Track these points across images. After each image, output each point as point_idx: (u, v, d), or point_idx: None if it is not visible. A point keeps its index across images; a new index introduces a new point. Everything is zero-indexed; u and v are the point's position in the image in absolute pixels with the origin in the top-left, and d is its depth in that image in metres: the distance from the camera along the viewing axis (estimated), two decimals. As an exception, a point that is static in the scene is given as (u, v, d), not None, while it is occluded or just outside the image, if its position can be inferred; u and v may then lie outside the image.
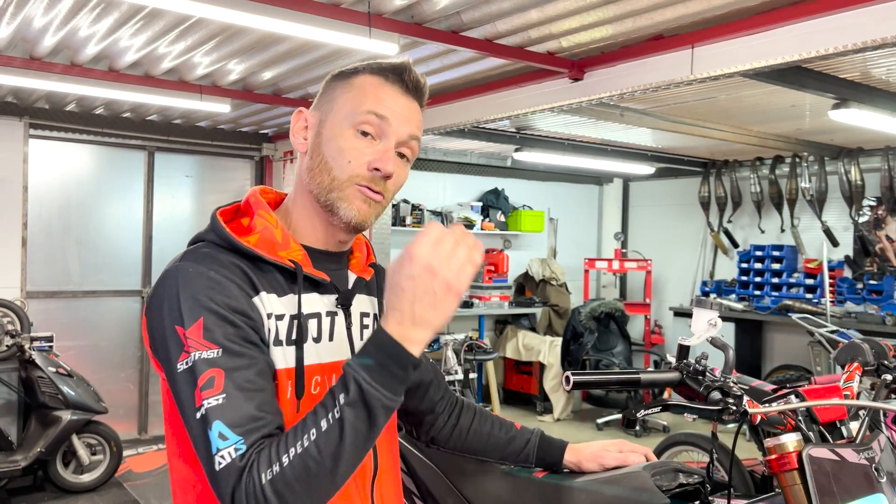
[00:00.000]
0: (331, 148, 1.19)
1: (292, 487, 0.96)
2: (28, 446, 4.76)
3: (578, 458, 1.60)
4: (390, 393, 0.98)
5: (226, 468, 0.99)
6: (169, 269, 1.12)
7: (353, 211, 1.18)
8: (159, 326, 1.08)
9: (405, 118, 1.19)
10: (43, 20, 3.71)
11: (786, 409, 1.20)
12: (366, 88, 1.19)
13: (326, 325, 1.21)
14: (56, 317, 5.91)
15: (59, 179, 5.97)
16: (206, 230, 1.20)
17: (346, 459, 0.98)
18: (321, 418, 0.98)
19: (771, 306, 6.93)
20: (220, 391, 1.02)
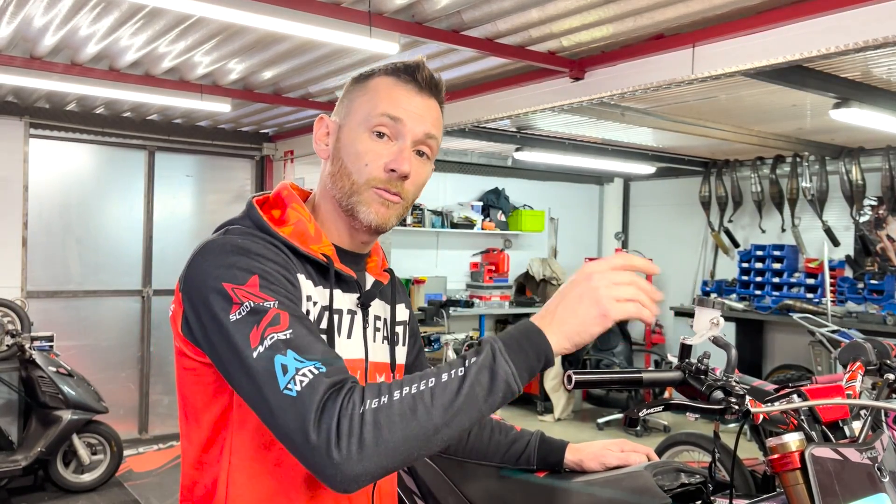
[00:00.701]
0: (349, 152, 1.20)
1: (392, 423, 0.93)
2: (28, 446, 4.75)
3: (580, 457, 1.60)
4: (518, 372, 0.98)
5: (308, 386, 0.95)
6: (212, 240, 1.12)
7: (372, 214, 1.20)
8: (200, 292, 1.06)
9: (420, 117, 1.20)
10: (43, 19, 3.71)
11: (788, 409, 1.19)
12: (380, 90, 1.21)
13: (346, 323, 1.23)
14: (56, 316, 5.91)
15: (59, 179, 5.97)
16: (240, 216, 1.21)
17: (453, 417, 0.95)
18: (444, 372, 0.97)
19: (772, 306, 6.93)
20: (286, 326, 1.00)
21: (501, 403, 0.99)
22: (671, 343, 8.17)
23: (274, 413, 0.97)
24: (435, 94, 1.23)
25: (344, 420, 0.93)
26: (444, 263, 7.87)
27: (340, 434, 0.92)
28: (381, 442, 0.92)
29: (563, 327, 1.00)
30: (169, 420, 6.43)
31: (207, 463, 1.16)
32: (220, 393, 1.13)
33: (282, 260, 1.12)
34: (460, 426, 0.96)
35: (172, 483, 5.19)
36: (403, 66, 1.22)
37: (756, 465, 3.85)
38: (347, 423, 0.92)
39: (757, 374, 7.08)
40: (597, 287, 0.99)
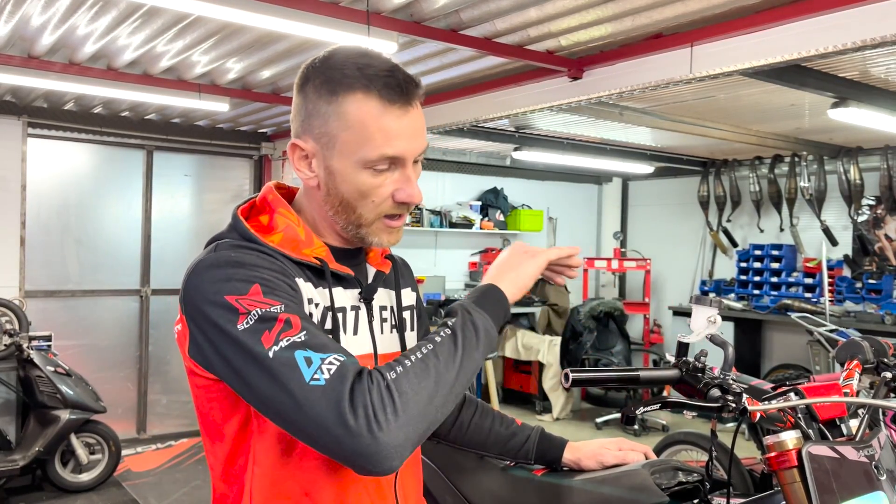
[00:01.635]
0: (349, 190, 1.15)
1: (415, 386, 1.00)
2: (26, 446, 4.75)
3: (578, 456, 1.60)
4: (491, 318, 1.12)
5: (336, 373, 0.97)
6: (205, 258, 1.10)
7: (385, 241, 1.22)
8: (201, 310, 1.04)
9: (413, 138, 1.14)
10: (41, 18, 3.71)
11: (785, 407, 1.19)
12: (366, 124, 1.10)
13: (351, 320, 1.22)
14: (55, 316, 5.91)
15: (57, 178, 5.96)
16: (227, 229, 1.18)
17: (460, 367, 1.05)
18: (435, 336, 1.07)
19: (770, 305, 6.93)
20: (299, 329, 1.01)
21: (489, 350, 1.11)
22: (669, 343, 8.18)
23: (302, 406, 0.96)
24: (419, 91, 1.15)
25: (375, 396, 0.97)
26: (443, 263, 7.87)
27: (376, 410, 0.96)
28: (412, 405, 0.99)
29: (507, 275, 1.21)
30: (167, 420, 6.42)
31: (234, 474, 1.16)
32: (236, 405, 1.12)
33: (278, 266, 1.11)
34: (467, 374, 1.06)
35: (170, 483, 5.19)
36: (382, 81, 1.10)
37: (754, 464, 3.85)
38: (378, 398, 0.97)
39: (755, 373, 7.09)
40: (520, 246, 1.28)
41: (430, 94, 5.08)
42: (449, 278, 7.83)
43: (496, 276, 1.21)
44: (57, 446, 4.79)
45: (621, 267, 8.21)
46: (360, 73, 1.10)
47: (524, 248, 1.27)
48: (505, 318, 1.16)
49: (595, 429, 6.74)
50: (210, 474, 1.22)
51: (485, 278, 1.23)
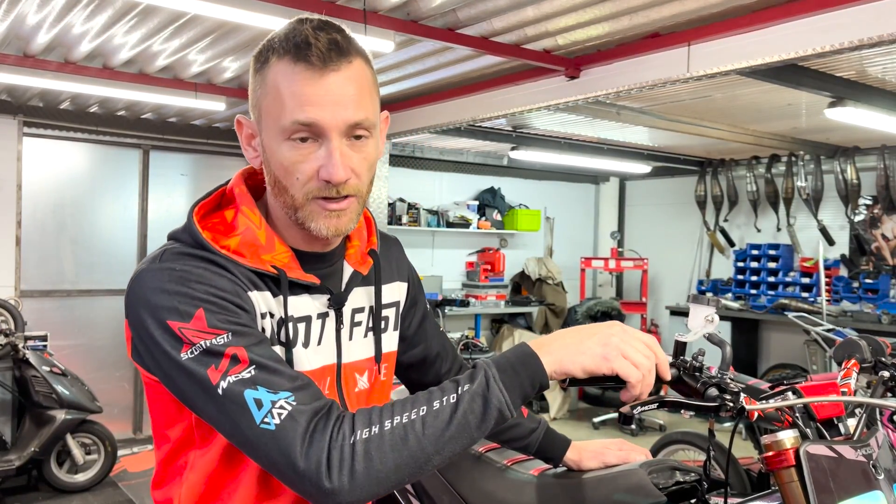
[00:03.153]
0: (277, 166, 1.07)
1: (384, 455, 0.92)
2: (22, 446, 4.73)
3: (580, 455, 1.60)
4: (511, 399, 0.97)
5: (288, 418, 0.93)
6: (147, 269, 1.03)
7: (323, 228, 1.08)
8: (143, 328, 1.00)
9: (333, 105, 1.02)
10: (36, 17, 3.69)
11: (783, 406, 1.19)
12: (280, 88, 1.02)
13: (316, 330, 1.15)
14: (50, 316, 5.89)
15: (53, 178, 5.94)
16: (181, 229, 1.10)
17: (444, 446, 0.94)
18: (436, 399, 0.96)
19: (767, 305, 6.93)
20: (247, 364, 0.96)
21: (495, 429, 0.98)
22: (667, 343, 8.13)
23: (254, 446, 0.95)
24: (343, 60, 1.03)
25: (335, 451, 0.92)
26: (440, 263, 7.86)
27: (331, 465, 0.91)
28: (373, 472, 0.92)
29: (561, 350, 0.99)
30: (164, 420, 6.40)
31: (167, 479, 1.15)
32: (181, 411, 1.08)
33: (227, 283, 1.03)
34: (452, 452, 0.96)
35: (167, 483, 5.18)
36: (293, 43, 1.02)
37: (752, 463, 3.85)
38: (338, 455, 0.92)
39: (752, 373, 7.09)
40: (612, 335, 1.00)
41: (427, 93, 5.07)
42: (446, 278, 7.82)
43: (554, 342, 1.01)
44: (53, 446, 4.78)
45: (618, 266, 8.21)
46: (282, 38, 1.04)
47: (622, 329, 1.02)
48: (533, 395, 1.01)
49: (592, 429, 6.74)
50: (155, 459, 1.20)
51: (548, 336, 1.04)
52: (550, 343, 1.00)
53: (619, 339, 0.99)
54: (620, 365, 0.98)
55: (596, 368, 0.98)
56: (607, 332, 1.00)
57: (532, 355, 0.98)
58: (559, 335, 1.01)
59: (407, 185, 7.41)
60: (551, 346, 0.99)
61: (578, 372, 0.99)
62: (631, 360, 0.99)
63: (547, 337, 1.02)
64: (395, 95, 5.13)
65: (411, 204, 7.39)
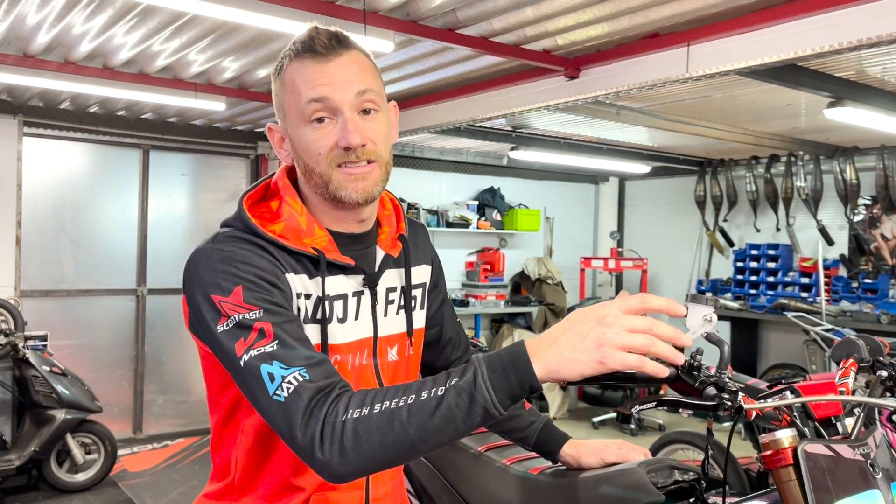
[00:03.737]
0: (302, 149, 1.21)
1: (371, 435, 0.99)
2: (22, 445, 4.74)
3: (578, 452, 1.61)
4: (498, 398, 0.97)
5: (294, 393, 1.02)
6: (202, 248, 1.18)
7: (353, 193, 1.20)
8: (194, 300, 1.13)
9: (341, 82, 1.18)
10: (36, 17, 3.70)
11: (781, 405, 1.19)
12: (294, 80, 1.20)
13: (353, 306, 1.26)
14: (51, 316, 5.89)
15: (53, 178, 5.95)
16: (233, 217, 1.24)
17: (429, 435, 0.98)
18: (424, 389, 1.00)
19: (766, 305, 6.94)
20: (271, 339, 1.07)
21: (481, 424, 0.99)
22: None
23: (266, 413, 1.06)
24: (344, 48, 1.20)
25: (327, 427, 1.00)
26: (440, 262, 7.86)
27: (324, 440, 1.00)
28: (360, 450, 0.99)
29: (556, 357, 0.97)
30: (163, 419, 6.41)
31: (224, 442, 1.26)
32: (228, 380, 1.18)
33: (267, 263, 1.16)
34: (438, 442, 1.00)
35: (166, 482, 5.18)
36: (300, 44, 1.20)
37: (750, 463, 3.85)
38: (330, 431, 1.00)
39: (752, 372, 7.10)
40: (605, 332, 0.96)
41: (427, 93, 5.08)
42: (446, 278, 7.71)
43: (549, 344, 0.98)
44: (53, 446, 4.78)
45: (618, 266, 8.21)
46: (292, 45, 1.22)
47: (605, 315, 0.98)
48: (521, 397, 0.99)
49: (592, 428, 6.75)
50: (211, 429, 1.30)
51: (542, 335, 1.01)
52: (545, 348, 0.98)
53: (613, 333, 0.95)
54: (619, 361, 0.95)
55: (594, 373, 0.96)
56: (600, 330, 0.96)
57: (524, 358, 0.97)
58: (553, 337, 0.98)
59: (406, 185, 7.41)
60: (546, 352, 0.97)
61: (576, 378, 0.97)
62: (630, 347, 0.96)
63: (542, 338, 1.00)
64: (394, 95, 5.13)
65: (411, 204, 7.40)
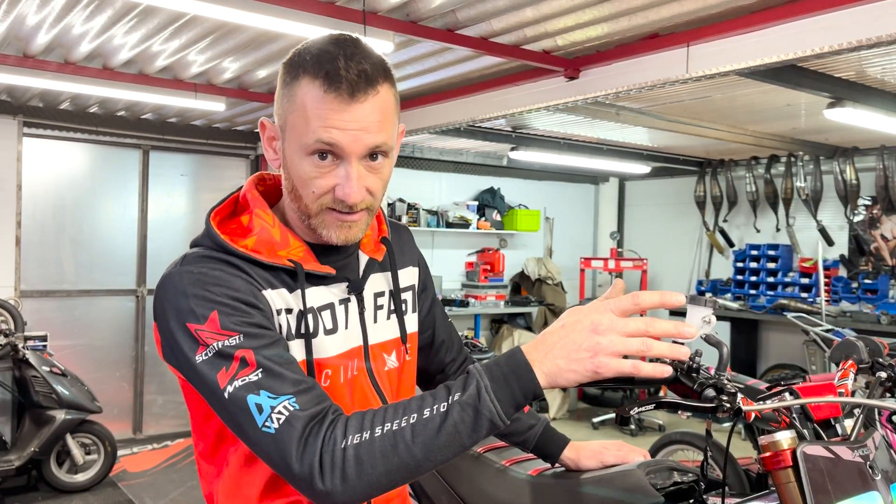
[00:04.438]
0: (296, 175, 1.13)
1: (374, 460, 0.95)
2: (22, 446, 4.74)
3: (578, 455, 1.60)
4: (503, 409, 0.95)
5: (286, 423, 0.98)
6: (171, 273, 1.11)
7: (334, 236, 1.15)
8: (167, 329, 1.08)
9: (356, 132, 1.07)
10: (36, 17, 3.70)
11: (780, 407, 1.19)
12: (307, 107, 1.08)
13: (341, 314, 1.21)
14: (50, 316, 5.89)
15: (53, 178, 5.95)
16: (201, 235, 1.18)
17: (434, 454, 0.95)
18: (426, 406, 0.96)
19: (766, 305, 6.94)
20: (255, 367, 1.01)
21: (486, 436, 0.98)
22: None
23: (256, 446, 1.01)
24: (371, 89, 1.07)
25: (326, 455, 0.96)
26: (440, 263, 7.86)
27: (324, 469, 0.96)
28: (364, 476, 0.95)
29: (553, 367, 0.96)
30: (163, 420, 6.41)
31: (209, 474, 1.21)
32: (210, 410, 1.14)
33: (242, 283, 1.09)
34: (443, 459, 0.97)
35: (166, 483, 5.18)
36: (325, 70, 1.06)
37: (750, 464, 3.85)
38: (329, 459, 0.96)
39: (751, 373, 7.09)
40: (598, 340, 0.94)
41: (427, 93, 5.07)
42: (446, 278, 7.82)
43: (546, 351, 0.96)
44: (52, 446, 4.78)
45: (618, 267, 8.21)
46: (314, 58, 1.08)
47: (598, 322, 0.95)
48: (524, 405, 0.98)
49: (591, 429, 6.74)
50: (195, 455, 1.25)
51: (538, 339, 0.99)
52: (542, 356, 0.96)
53: (607, 341, 0.94)
54: (614, 369, 0.94)
55: (589, 380, 0.96)
56: (594, 340, 0.94)
57: (526, 366, 0.96)
58: (549, 345, 0.97)
59: (406, 186, 7.42)
60: (544, 359, 0.96)
61: (572, 385, 0.97)
62: (625, 353, 0.94)
63: (538, 344, 0.98)
64: (394, 96, 5.12)
65: (411, 204, 7.40)
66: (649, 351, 0.95)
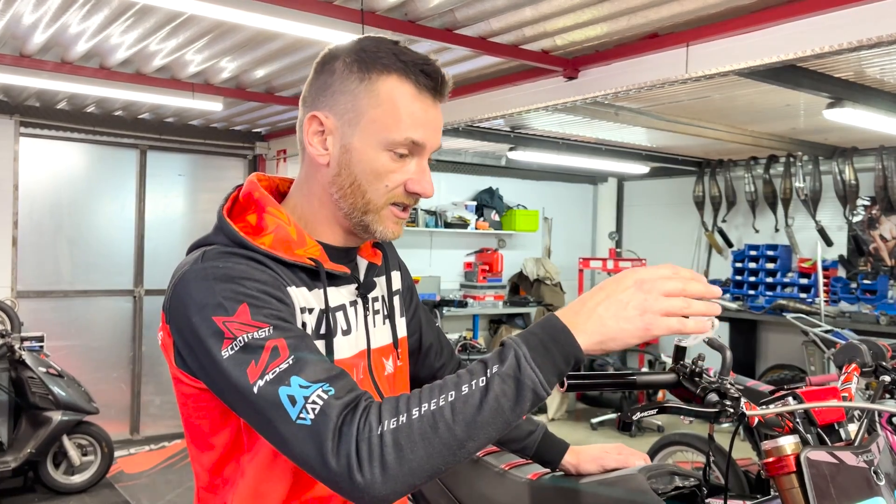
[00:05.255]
0: (364, 170, 1.12)
1: (414, 444, 0.90)
2: (18, 447, 4.72)
3: (578, 459, 1.59)
4: (545, 377, 0.92)
5: (321, 413, 0.92)
6: (192, 270, 1.05)
7: (388, 232, 1.17)
8: (188, 327, 1.01)
9: (435, 132, 1.15)
10: (32, 17, 3.68)
11: (783, 412, 1.18)
12: (398, 105, 1.10)
13: (352, 316, 1.20)
14: (47, 316, 5.87)
15: (50, 178, 5.93)
16: (213, 233, 1.14)
17: (477, 432, 0.90)
18: (464, 382, 0.92)
19: (765, 306, 6.93)
20: (287, 356, 0.96)
21: (530, 410, 0.94)
22: (665, 343, 8.17)
23: (289, 443, 0.94)
24: (447, 95, 1.18)
25: (363, 444, 0.90)
26: (438, 263, 7.85)
27: (361, 459, 0.90)
28: (405, 462, 0.90)
29: (600, 328, 0.94)
30: (161, 421, 6.39)
31: (220, 485, 1.14)
32: (227, 417, 1.09)
33: (268, 277, 1.06)
34: (487, 438, 0.92)
35: (164, 484, 5.16)
36: (422, 70, 1.12)
37: (749, 464, 3.84)
38: (367, 447, 0.90)
39: (750, 373, 7.09)
40: (645, 297, 0.94)
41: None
42: (444, 278, 7.81)
43: (589, 315, 0.95)
44: (49, 448, 4.76)
45: (617, 267, 8.19)
46: (395, 57, 1.12)
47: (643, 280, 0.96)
48: (566, 373, 0.95)
49: (590, 429, 6.73)
50: (194, 484, 1.19)
51: (573, 305, 0.98)
52: (584, 319, 0.94)
53: (654, 300, 0.94)
54: (664, 326, 0.94)
55: (639, 341, 0.94)
56: (641, 296, 0.94)
57: (564, 330, 0.94)
58: (591, 307, 0.95)
59: (405, 186, 7.39)
60: (586, 323, 0.94)
61: (620, 348, 0.95)
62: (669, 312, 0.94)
63: (576, 308, 0.96)
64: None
65: (409, 204, 7.37)
66: (689, 308, 0.95)
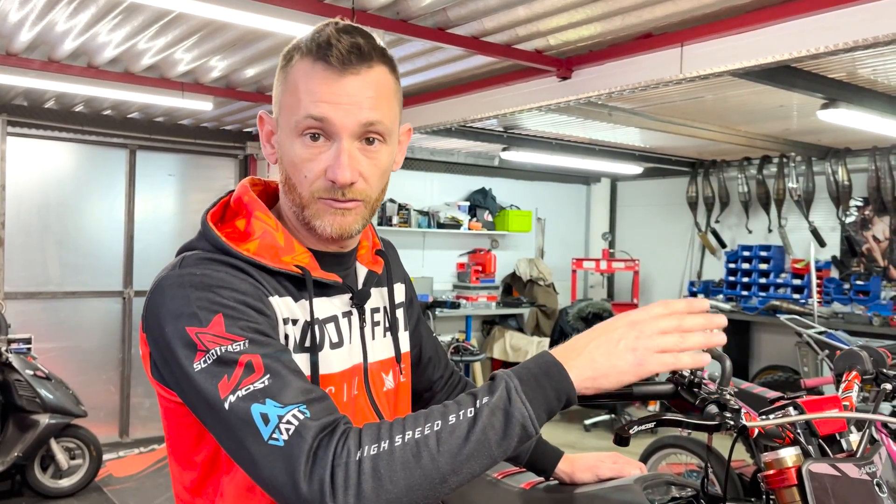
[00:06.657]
0: (287, 162, 1.07)
1: (394, 473, 0.84)
2: (5, 451, 4.65)
3: (572, 468, 1.55)
4: (535, 412, 0.88)
5: (295, 434, 0.86)
6: (168, 276, 1.01)
7: (328, 226, 1.07)
8: (161, 336, 0.97)
9: (347, 105, 1.02)
10: (18, 14, 3.62)
11: (784, 423, 1.15)
12: (298, 82, 1.04)
13: (345, 328, 1.13)
14: (35, 318, 5.80)
15: (38, 178, 5.86)
16: (196, 238, 1.09)
17: (461, 465, 0.86)
18: (451, 412, 0.88)
19: (758, 307, 6.92)
20: (262, 373, 0.91)
21: (517, 447, 0.90)
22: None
23: (258, 464, 0.89)
24: (363, 65, 1.03)
25: (339, 470, 0.85)
26: (431, 264, 7.82)
27: (336, 486, 0.84)
28: (382, 493, 0.84)
29: (590, 363, 0.91)
30: (150, 423, 6.33)
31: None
32: (203, 434, 1.04)
33: (248, 286, 1.01)
34: (471, 472, 0.88)
35: (153, 488, 5.11)
36: (316, 43, 1.03)
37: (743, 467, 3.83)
38: (343, 473, 0.85)
39: (744, 374, 7.09)
40: (637, 335, 0.92)
41: (418, 93, 5.02)
42: (437, 279, 7.78)
43: (579, 352, 0.93)
44: (36, 451, 4.70)
45: (610, 268, 8.19)
46: (307, 39, 1.05)
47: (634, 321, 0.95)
48: (557, 411, 0.92)
49: (584, 431, 6.71)
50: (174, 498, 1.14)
51: (565, 345, 0.95)
52: (576, 356, 0.92)
53: (646, 336, 0.92)
54: (657, 363, 0.92)
55: (634, 379, 0.92)
56: (633, 334, 0.93)
57: (557, 365, 0.91)
58: (581, 346, 0.93)
59: (397, 186, 7.36)
60: (577, 359, 0.92)
61: (615, 387, 0.92)
62: (663, 349, 0.93)
63: (567, 347, 0.94)
64: (384, 95, 5.07)
65: (402, 205, 7.34)
66: (684, 343, 0.93)
